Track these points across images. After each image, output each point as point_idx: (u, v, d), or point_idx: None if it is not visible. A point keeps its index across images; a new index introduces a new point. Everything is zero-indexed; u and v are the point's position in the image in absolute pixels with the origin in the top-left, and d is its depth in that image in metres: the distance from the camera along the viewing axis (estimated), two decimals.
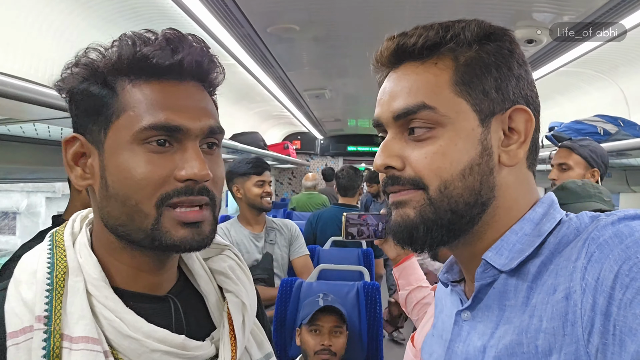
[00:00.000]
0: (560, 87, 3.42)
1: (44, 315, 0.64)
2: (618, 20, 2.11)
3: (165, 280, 0.79)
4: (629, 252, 0.52)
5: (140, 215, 0.68)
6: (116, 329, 0.67)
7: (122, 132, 0.68)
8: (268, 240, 2.67)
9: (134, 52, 0.68)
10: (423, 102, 0.67)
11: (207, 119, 0.71)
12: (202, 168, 0.68)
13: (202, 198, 0.70)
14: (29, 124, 1.60)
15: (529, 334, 0.59)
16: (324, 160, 9.28)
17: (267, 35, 2.71)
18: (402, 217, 0.70)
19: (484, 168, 0.67)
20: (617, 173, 3.02)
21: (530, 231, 0.67)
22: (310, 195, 5.99)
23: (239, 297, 0.83)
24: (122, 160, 0.68)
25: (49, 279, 0.67)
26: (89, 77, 0.69)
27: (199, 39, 0.73)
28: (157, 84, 0.69)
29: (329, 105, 5.69)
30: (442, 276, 0.83)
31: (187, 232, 0.69)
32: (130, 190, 0.67)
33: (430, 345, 0.85)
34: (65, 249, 0.72)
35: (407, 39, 0.70)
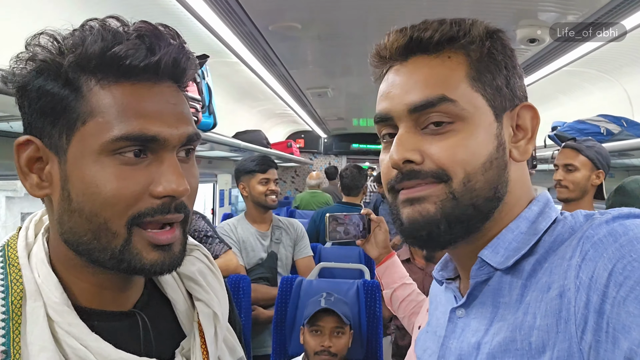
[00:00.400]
0: (563, 86, 3.41)
1: (2, 350, 0.58)
2: (621, 19, 2.11)
3: (132, 294, 0.73)
4: (623, 251, 0.52)
5: (108, 235, 0.61)
6: (81, 357, 0.61)
7: (89, 140, 0.59)
8: (274, 239, 2.67)
9: (103, 49, 0.59)
10: (444, 95, 0.66)
11: (185, 126, 0.64)
12: (180, 183, 0.61)
13: (178, 216, 0.64)
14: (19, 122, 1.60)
15: (523, 330, 0.60)
16: (328, 158, 9.29)
17: (270, 34, 2.71)
18: (420, 214, 0.68)
19: (500, 162, 0.68)
20: (619, 173, 3.01)
21: (526, 229, 0.67)
22: (313, 194, 6.00)
23: (210, 307, 0.78)
24: (89, 172, 0.60)
25: (4, 306, 0.60)
26: (46, 73, 0.60)
27: (174, 32, 0.65)
28: (129, 85, 0.61)
29: (332, 104, 5.69)
30: (436, 274, 0.83)
31: (158, 255, 0.63)
32: (97, 206, 0.60)
33: (424, 342, 0.85)
34: (21, 268, 0.64)
35: (421, 32, 0.69)
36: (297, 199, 6.18)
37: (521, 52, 2.76)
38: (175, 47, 0.63)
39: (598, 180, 2.09)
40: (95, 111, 0.60)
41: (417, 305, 1.65)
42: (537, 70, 3.02)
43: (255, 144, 4.37)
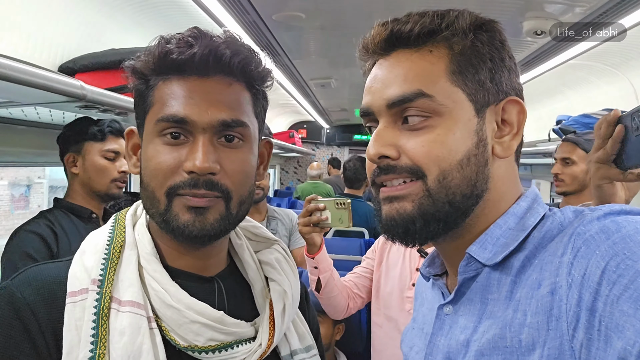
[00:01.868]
0: (568, 80, 3.38)
1: (99, 279, 0.72)
2: (628, 14, 2.08)
3: (212, 265, 0.85)
4: (616, 248, 0.51)
5: (155, 201, 0.74)
6: (161, 298, 0.73)
7: (149, 124, 0.75)
8: (270, 229, 2.67)
9: (159, 50, 0.73)
10: (420, 90, 0.66)
11: (219, 112, 0.73)
12: (203, 161, 0.71)
13: (207, 192, 0.73)
14: (31, 107, 1.60)
15: (513, 328, 0.59)
16: (330, 149, 9.27)
17: (273, 23, 2.69)
18: (397, 211, 0.68)
19: (479, 159, 0.67)
20: None
21: (514, 225, 0.67)
22: (315, 185, 6.00)
23: (282, 286, 0.87)
24: (147, 150, 0.75)
25: (107, 250, 0.76)
26: (135, 75, 0.77)
27: (231, 34, 0.77)
28: (182, 80, 0.74)
29: (335, 95, 5.66)
30: (423, 270, 0.83)
31: (190, 216, 0.73)
32: (148, 177, 0.75)
33: (411, 339, 0.85)
34: (125, 227, 0.81)
35: (402, 25, 0.68)
36: (298, 190, 6.19)
37: (527, 45, 2.73)
38: (218, 43, 0.73)
39: None
40: (155, 100, 0.75)
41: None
42: (543, 63, 2.99)
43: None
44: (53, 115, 1.81)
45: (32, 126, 2.05)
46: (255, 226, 0.96)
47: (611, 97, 3.06)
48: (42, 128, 2.08)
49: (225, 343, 0.75)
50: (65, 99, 1.36)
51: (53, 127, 2.10)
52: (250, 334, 0.80)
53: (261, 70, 0.80)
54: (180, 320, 0.73)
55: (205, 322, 0.73)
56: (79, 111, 1.62)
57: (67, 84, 1.31)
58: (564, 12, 2.25)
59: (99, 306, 0.70)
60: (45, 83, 1.21)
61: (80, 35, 1.98)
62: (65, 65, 1.88)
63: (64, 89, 1.30)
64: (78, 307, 0.70)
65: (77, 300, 0.70)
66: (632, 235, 0.52)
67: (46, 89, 1.22)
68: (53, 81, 1.25)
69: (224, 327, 0.75)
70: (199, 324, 0.73)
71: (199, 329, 0.73)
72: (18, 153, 2.08)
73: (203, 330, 0.73)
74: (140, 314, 0.70)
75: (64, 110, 1.68)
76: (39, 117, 1.87)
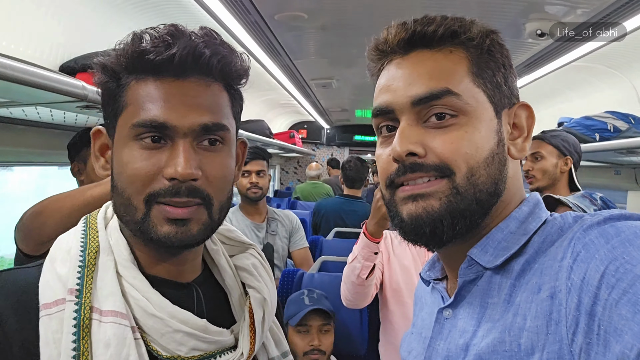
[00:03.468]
0: (570, 82, 3.37)
1: (76, 289, 0.67)
2: (631, 16, 2.07)
3: (187, 271, 0.81)
4: (615, 253, 0.52)
5: (132, 208, 0.70)
6: (142, 307, 0.70)
7: (123, 126, 0.71)
8: (270, 230, 2.67)
9: (133, 49, 0.69)
10: (448, 88, 0.67)
11: (199, 116, 0.70)
12: (185, 167, 0.68)
13: (189, 200, 0.70)
14: (31, 107, 1.59)
15: (512, 332, 0.60)
16: (330, 150, 9.26)
17: (275, 23, 2.68)
18: (425, 209, 0.67)
19: (501, 158, 0.68)
20: (626, 171, 2.99)
21: (516, 229, 0.68)
22: (314, 185, 6.00)
23: (261, 293, 0.85)
24: (120, 154, 0.71)
25: (82, 257, 0.71)
26: (105, 74, 0.72)
27: (209, 31, 0.73)
28: (157, 80, 0.70)
29: (336, 95, 5.65)
30: (424, 274, 0.83)
31: (171, 228, 0.70)
32: (124, 184, 0.70)
33: (409, 343, 0.85)
34: (98, 231, 0.76)
35: (425, 26, 0.69)
36: (297, 190, 6.18)
37: (529, 47, 2.72)
38: (197, 42, 0.70)
39: (566, 167, 2.15)
40: (129, 102, 0.71)
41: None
42: (545, 65, 2.98)
43: (258, 134, 4.36)
44: (54, 115, 1.80)
45: (32, 125, 2.04)
46: (230, 230, 0.93)
47: (613, 99, 3.06)
48: (42, 128, 2.07)
49: (208, 353, 0.73)
50: (67, 99, 1.35)
51: (54, 127, 2.09)
52: (231, 343, 0.78)
53: (239, 69, 0.77)
54: (163, 330, 0.70)
55: (189, 330, 0.71)
56: (80, 111, 1.61)
57: (68, 84, 1.30)
58: (566, 14, 2.24)
59: (79, 317, 0.66)
60: (47, 83, 1.20)
61: (81, 35, 1.97)
62: (66, 64, 1.87)
63: (65, 89, 1.29)
64: (54, 319, 0.65)
65: (53, 312, 0.66)
66: (631, 240, 0.52)
67: (48, 89, 1.22)
68: (55, 81, 1.24)
69: (207, 336, 0.73)
70: (183, 332, 0.70)
71: (182, 338, 0.71)
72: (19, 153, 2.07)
73: (186, 339, 0.71)
74: (124, 324, 0.67)
75: (65, 110, 1.67)
76: (40, 116, 1.86)
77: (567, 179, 2.18)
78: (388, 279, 1.96)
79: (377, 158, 0.75)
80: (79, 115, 1.82)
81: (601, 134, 2.60)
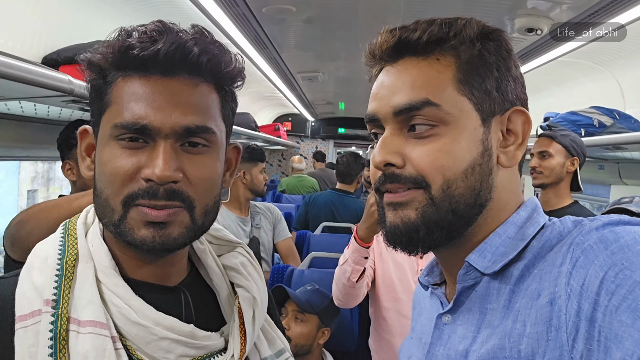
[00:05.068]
0: (556, 77, 3.40)
1: (52, 299, 0.64)
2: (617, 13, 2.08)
3: (174, 273, 0.78)
4: (615, 259, 0.51)
5: (108, 210, 0.68)
6: (125, 315, 0.67)
7: (105, 125, 0.68)
8: (254, 224, 2.69)
9: (120, 44, 0.67)
10: (427, 99, 0.66)
11: (183, 117, 0.67)
12: (163, 169, 0.65)
13: (167, 203, 0.67)
14: (15, 101, 1.54)
15: (512, 338, 0.59)
16: (315, 142, 9.24)
17: (263, 16, 2.64)
18: (402, 219, 0.68)
19: (484, 168, 0.67)
20: (610, 166, 3.03)
21: (514, 234, 0.67)
22: (300, 178, 5.99)
23: (250, 292, 0.83)
24: (101, 153, 0.69)
25: (59, 265, 0.68)
26: (92, 71, 0.70)
27: (200, 29, 0.71)
28: (144, 78, 0.67)
29: (322, 88, 5.63)
30: (422, 279, 0.83)
31: (148, 232, 0.67)
32: (103, 184, 0.68)
33: (409, 349, 0.85)
34: (77, 237, 0.73)
35: (410, 33, 0.68)
36: (282, 183, 6.16)
37: (517, 42, 2.73)
38: (185, 39, 0.67)
39: (572, 167, 2.17)
40: (113, 100, 0.68)
41: None
42: (531, 60, 3.00)
43: (243, 127, 4.32)
44: (37, 109, 1.75)
45: (13, 119, 1.98)
46: (217, 229, 0.90)
47: (598, 95, 3.09)
48: (23, 122, 2.02)
49: (197, 358, 0.71)
50: (53, 94, 1.31)
51: (36, 121, 2.04)
52: (220, 346, 0.75)
53: (231, 70, 0.74)
54: (148, 338, 0.67)
55: (175, 337, 0.68)
56: (66, 106, 1.57)
57: (55, 79, 1.26)
58: (554, 10, 2.25)
59: (55, 329, 0.62)
60: (32, 77, 1.17)
61: (64, 26, 1.92)
62: (49, 56, 1.82)
63: (52, 84, 1.25)
64: (30, 332, 0.62)
65: (29, 324, 0.62)
66: (630, 246, 0.52)
67: (33, 84, 1.18)
68: (40, 75, 1.20)
69: (195, 342, 0.70)
70: (169, 340, 0.68)
71: (169, 345, 0.68)
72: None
73: (173, 346, 0.68)
74: (103, 334, 0.63)
75: (49, 105, 1.62)
76: (23, 110, 1.81)
77: (570, 179, 2.20)
78: (381, 275, 1.96)
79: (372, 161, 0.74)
80: (63, 109, 1.78)
81: (586, 129, 2.63)
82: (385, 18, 2.60)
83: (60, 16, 1.89)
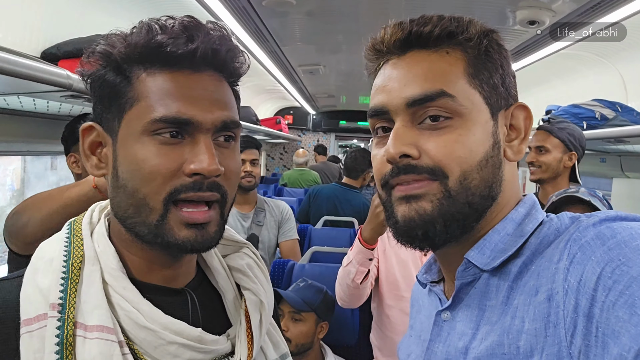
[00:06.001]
0: (558, 69, 3.38)
1: (58, 303, 0.63)
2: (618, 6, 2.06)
3: (182, 274, 0.78)
4: (612, 254, 0.52)
5: (147, 210, 0.66)
6: (133, 319, 0.66)
7: (134, 122, 0.66)
8: (256, 221, 2.63)
9: (148, 40, 0.66)
10: (442, 90, 0.66)
11: (221, 112, 0.69)
12: (211, 162, 0.66)
13: (212, 194, 0.68)
14: (13, 96, 1.54)
15: (511, 334, 0.60)
16: (316, 135, 9.22)
17: (263, 9, 2.63)
18: (417, 212, 0.67)
19: (495, 161, 0.68)
20: (612, 159, 3.02)
21: (513, 231, 0.68)
22: (301, 172, 5.98)
23: (257, 296, 0.82)
24: (133, 151, 0.66)
25: (65, 267, 0.67)
26: (106, 65, 0.68)
27: (220, 26, 0.71)
28: (171, 73, 0.67)
29: (323, 81, 5.62)
30: (420, 276, 0.83)
31: (191, 232, 0.67)
32: (138, 182, 0.66)
33: (408, 346, 0.86)
34: (83, 238, 0.72)
35: (421, 26, 0.68)
36: (284, 177, 6.15)
37: (519, 34, 2.71)
38: (214, 37, 0.68)
39: (570, 162, 2.14)
40: (141, 96, 0.66)
41: None
42: (534, 53, 2.98)
43: (245, 121, 4.31)
44: (37, 103, 1.75)
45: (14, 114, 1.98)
46: None
47: (600, 87, 3.08)
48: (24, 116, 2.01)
49: None
50: (51, 89, 1.30)
51: (36, 116, 2.04)
52: (227, 350, 0.75)
53: (241, 66, 0.76)
54: (156, 342, 0.66)
55: (183, 342, 0.68)
56: (65, 101, 1.57)
57: (52, 74, 1.26)
58: (554, 1, 2.23)
59: (61, 334, 0.61)
60: (30, 72, 1.16)
61: (63, 20, 1.92)
62: (48, 51, 1.82)
63: (49, 79, 1.24)
64: (36, 337, 0.61)
65: (34, 329, 0.61)
66: (627, 241, 0.52)
67: (31, 79, 1.17)
68: (37, 70, 1.20)
69: (203, 346, 0.70)
70: (177, 344, 0.67)
71: (177, 350, 0.67)
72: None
73: (181, 351, 0.68)
74: (110, 339, 0.62)
75: (48, 100, 1.62)
76: (22, 105, 1.80)
77: (568, 173, 2.17)
78: (384, 272, 1.94)
79: (372, 158, 0.74)
80: (62, 104, 1.77)
81: (589, 122, 2.61)
82: (387, 10, 2.59)
83: (60, 10, 1.88)
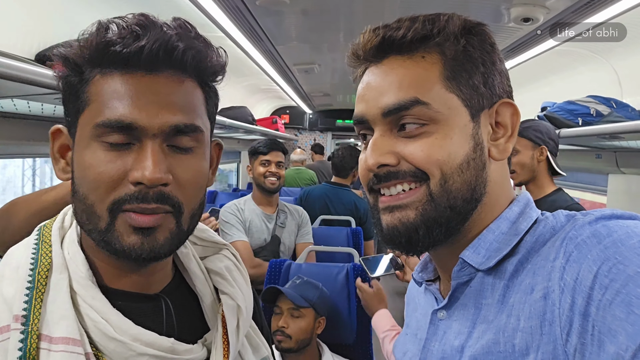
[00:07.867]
0: (553, 66, 3.38)
1: (22, 315, 0.60)
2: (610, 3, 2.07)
3: (156, 281, 0.75)
4: (608, 253, 0.52)
5: (95, 216, 0.64)
6: (101, 330, 0.63)
7: (85, 126, 0.64)
8: (279, 222, 2.68)
9: (99, 39, 0.63)
10: (416, 98, 0.65)
11: (171, 116, 0.64)
12: (153, 171, 0.62)
13: (158, 207, 0.64)
14: (7, 99, 1.53)
15: (507, 333, 0.60)
16: (313, 135, 9.21)
17: (256, 8, 2.62)
18: (400, 220, 0.67)
19: (478, 162, 0.67)
20: (607, 154, 3.02)
21: (507, 230, 0.68)
22: (298, 171, 5.98)
23: (235, 300, 0.80)
24: (82, 156, 0.64)
25: (31, 276, 0.64)
26: (66, 66, 0.66)
27: (181, 23, 0.67)
28: (123, 75, 0.63)
29: (319, 80, 5.61)
30: (416, 275, 0.83)
31: (136, 239, 0.64)
32: (86, 189, 0.64)
33: (404, 345, 0.85)
34: (52, 244, 0.69)
35: (393, 31, 0.67)
36: None
37: (513, 31, 2.71)
38: (170, 35, 0.64)
39: (542, 157, 2.17)
40: (92, 99, 0.64)
41: None
42: (528, 50, 2.98)
43: (241, 121, 4.30)
44: (31, 106, 1.74)
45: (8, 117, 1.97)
46: (202, 229, 0.86)
47: (595, 84, 3.08)
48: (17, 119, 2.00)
49: None
50: (43, 91, 1.29)
51: (30, 118, 2.02)
52: (202, 357, 0.73)
53: (215, 64, 0.71)
54: (126, 354, 0.64)
55: (155, 353, 0.65)
56: (59, 103, 1.56)
57: (45, 76, 1.24)
58: None
59: (24, 347, 0.58)
60: (21, 75, 1.15)
61: (57, 22, 1.90)
62: (42, 53, 1.81)
63: (41, 81, 1.23)
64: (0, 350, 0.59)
65: None
66: (623, 240, 0.52)
67: (22, 81, 1.16)
68: (29, 73, 1.19)
69: (175, 357, 0.67)
70: (148, 355, 0.65)
71: None
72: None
73: None
74: (76, 351, 0.60)
75: (43, 102, 1.61)
76: (16, 108, 1.80)
77: (546, 167, 2.20)
78: None
79: (359, 162, 0.74)
80: (57, 106, 1.77)
81: (584, 118, 2.62)
82: (381, 8, 2.59)
83: (54, 12, 1.87)
